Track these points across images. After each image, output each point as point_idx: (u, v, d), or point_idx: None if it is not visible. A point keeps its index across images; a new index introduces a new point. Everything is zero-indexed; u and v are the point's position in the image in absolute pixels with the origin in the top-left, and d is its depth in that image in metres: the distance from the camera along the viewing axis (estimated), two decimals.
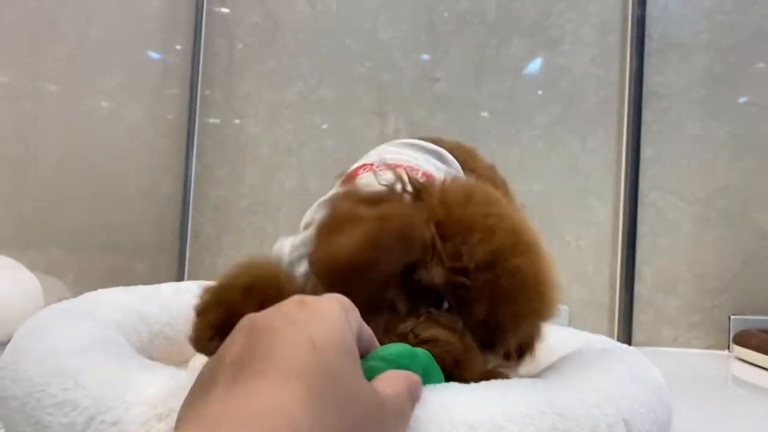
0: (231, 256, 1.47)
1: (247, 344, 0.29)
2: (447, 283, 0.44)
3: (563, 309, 1.43)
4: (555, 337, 0.65)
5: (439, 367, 0.42)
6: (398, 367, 0.35)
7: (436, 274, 0.44)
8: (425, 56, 1.50)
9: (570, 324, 1.43)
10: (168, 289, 0.79)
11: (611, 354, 0.54)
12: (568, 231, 1.45)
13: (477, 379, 0.43)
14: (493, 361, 0.47)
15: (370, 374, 0.33)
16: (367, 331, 0.36)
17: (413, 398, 0.35)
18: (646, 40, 1.45)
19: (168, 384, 0.41)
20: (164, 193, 1.46)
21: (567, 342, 0.67)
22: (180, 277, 1.45)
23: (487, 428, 0.36)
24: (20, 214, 1.31)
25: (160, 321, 0.74)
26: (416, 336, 0.42)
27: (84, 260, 1.37)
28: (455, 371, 0.42)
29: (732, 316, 1.41)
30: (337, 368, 0.29)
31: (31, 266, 1.12)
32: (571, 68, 1.47)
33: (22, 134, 1.37)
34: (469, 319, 0.44)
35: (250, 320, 0.31)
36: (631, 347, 0.56)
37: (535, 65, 1.47)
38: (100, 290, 0.72)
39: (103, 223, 1.41)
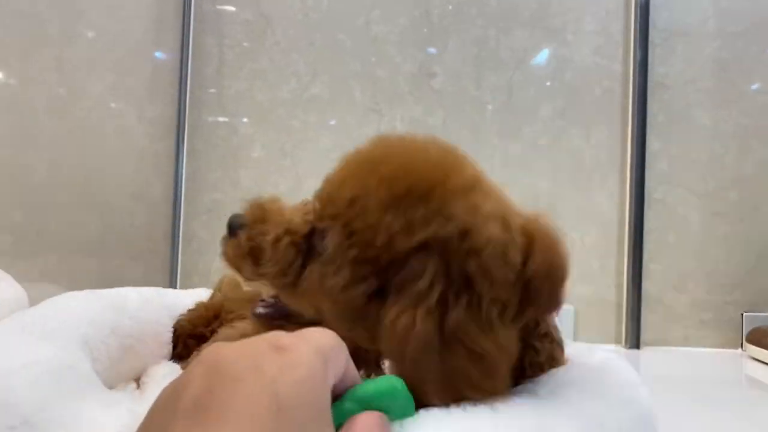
0: None
1: (206, 388, 0.26)
2: None
3: (569, 309, 1.39)
4: None
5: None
6: (373, 407, 0.32)
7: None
8: (422, 50, 1.45)
9: (576, 323, 1.39)
10: (136, 298, 0.74)
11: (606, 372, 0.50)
12: (572, 228, 1.41)
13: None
14: None
15: (341, 418, 0.30)
16: (352, 370, 0.32)
17: None
18: (651, 28, 1.40)
19: (125, 422, 0.38)
20: (155, 196, 1.43)
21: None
22: (173, 282, 1.42)
23: None
24: (11, 220, 1.28)
25: (132, 335, 0.69)
26: None
27: (76, 266, 1.34)
28: None
29: (745, 314, 1.37)
30: (300, 429, 0.26)
31: (23, 273, 1.09)
32: (573, 59, 1.43)
33: (10, 138, 1.35)
34: None
35: (213, 356, 0.28)
36: (623, 364, 0.52)
37: (542, 56, 1.42)
38: (69, 294, 0.67)
39: (94, 228, 1.39)
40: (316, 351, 0.29)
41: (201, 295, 0.85)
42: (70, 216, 1.38)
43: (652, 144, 1.40)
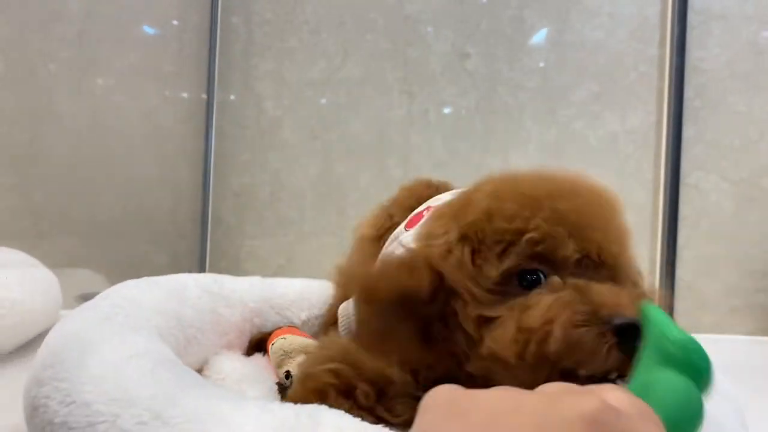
0: (254, 245, 1.40)
1: None
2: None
3: None
4: None
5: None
6: None
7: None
8: (455, 30, 1.41)
9: None
10: (194, 286, 0.71)
11: None
12: None
13: None
14: None
15: None
16: None
17: None
18: (688, 11, 1.37)
19: (266, 420, 0.35)
20: (183, 179, 1.39)
21: None
22: (201, 268, 1.38)
23: None
24: (33, 205, 1.25)
25: (194, 325, 0.67)
26: None
27: (100, 251, 1.31)
28: None
29: None
30: None
31: (46, 258, 1.07)
32: (608, 42, 1.40)
33: (29, 117, 1.32)
34: None
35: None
36: None
37: (540, 36, 1.39)
38: (128, 283, 0.64)
39: (119, 212, 1.36)
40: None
41: (254, 283, 0.83)
42: (92, 198, 1.35)
43: (688, 129, 1.38)
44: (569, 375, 0.39)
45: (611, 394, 0.27)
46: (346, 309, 0.60)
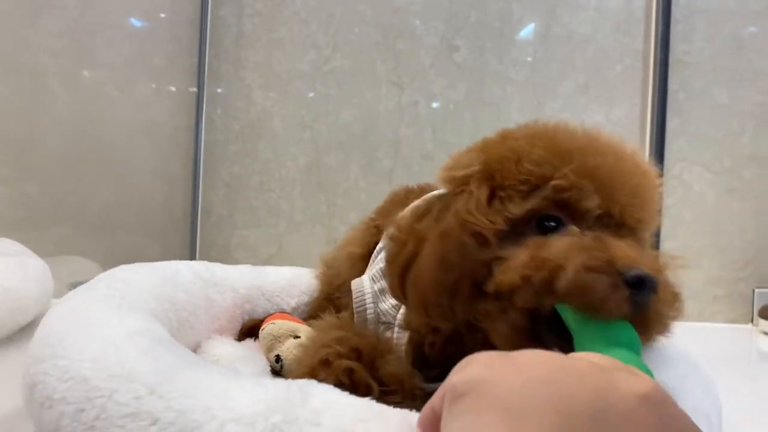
0: (244, 235, 1.41)
1: None
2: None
3: None
4: None
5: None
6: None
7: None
8: (445, 22, 1.42)
9: None
10: (186, 271, 0.73)
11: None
12: None
13: None
14: None
15: None
16: None
17: None
18: (673, 6, 1.39)
19: (258, 394, 0.36)
20: (174, 170, 1.40)
21: None
22: (192, 257, 1.39)
23: None
24: (25, 195, 1.25)
25: (186, 309, 0.68)
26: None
27: (92, 240, 1.31)
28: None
29: (756, 289, 1.39)
30: None
31: (38, 247, 1.08)
32: (595, 36, 1.42)
33: (21, 108, 1.31)
34: None
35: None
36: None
37: (528, 30, 1.41)
38: (123, 267, 0.66)
39: (111, 202, 1.36)
40: None
41: (244, 271, 0.84)
42: (85, 189, 1.35)
43: (671, 121, 1.41)
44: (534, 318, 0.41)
45: (645, 376, 0.28)
46: (361, 284, 0.61)
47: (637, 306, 0.38)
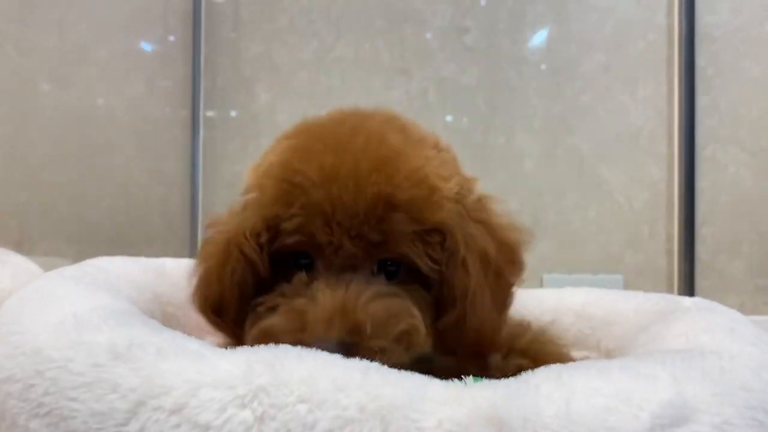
0: None
1: None
2: None
3: (618, 278, 1.31)
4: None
5: None
6: None
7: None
8: (453, 3, 1.35)
9: None
10: (173, 264, 0.70)
11: None
12: (619, 192, 1.32)
13: None
14: None
15: None
16: None
17: None
18: None
19: (239, 356, 0.32)
20: (171, 170, 1.33)
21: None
22: None
23: None
24: (15, 204, 1.21)
25: (172, 303, 0.65)
26: None
27: (85, 249, 1.25)
28: None
29: None
30: None
31: (29, 252, 1.02)
32: (614, 10, 1.34)
33: (9, 111, 1.27)
34: None
35: None
36: None
37: (540, 37, 1.34)
38: (102, 258, 0.62)
39: (106, 207, 1.30)
40: None
41: None
42: (78, 195, 1.30)
43: (701, 99, 1.32)
44: None
45: None
46: None
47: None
